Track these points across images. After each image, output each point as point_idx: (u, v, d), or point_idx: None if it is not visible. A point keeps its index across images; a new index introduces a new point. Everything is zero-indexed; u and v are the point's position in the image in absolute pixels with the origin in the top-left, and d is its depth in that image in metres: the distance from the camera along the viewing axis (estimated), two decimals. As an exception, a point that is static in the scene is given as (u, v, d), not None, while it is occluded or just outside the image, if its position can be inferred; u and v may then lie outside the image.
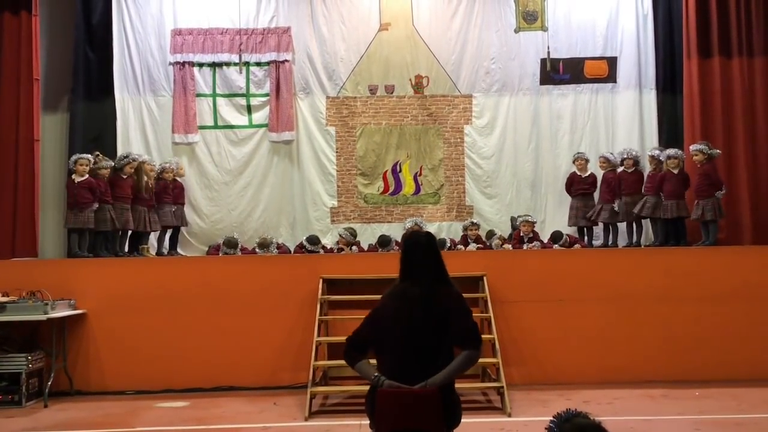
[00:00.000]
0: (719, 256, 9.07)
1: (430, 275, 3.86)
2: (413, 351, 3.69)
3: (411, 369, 3.66)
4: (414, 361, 3.67)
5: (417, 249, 3.95)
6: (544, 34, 11.66)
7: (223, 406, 7.80)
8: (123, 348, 8.50)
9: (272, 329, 8.56)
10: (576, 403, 7.55)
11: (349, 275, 8.51)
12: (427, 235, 4.12)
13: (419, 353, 3.69)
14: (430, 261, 3.90)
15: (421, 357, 3.68)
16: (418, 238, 4.06)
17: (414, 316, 3.72)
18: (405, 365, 3.67)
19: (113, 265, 9.10)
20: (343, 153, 11.71)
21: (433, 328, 3.71)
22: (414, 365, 3.67)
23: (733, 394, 7.83)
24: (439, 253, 3.96)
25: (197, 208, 11.42)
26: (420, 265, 3.88)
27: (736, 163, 10.70)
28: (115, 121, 11.35)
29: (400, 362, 3.68)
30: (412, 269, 3.88)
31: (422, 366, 3.67)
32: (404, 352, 3.69)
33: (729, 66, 10.87)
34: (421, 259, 3.89)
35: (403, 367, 3.66)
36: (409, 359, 3.68)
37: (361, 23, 11.78)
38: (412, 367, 3.66)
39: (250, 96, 11.65)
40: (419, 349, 3.69)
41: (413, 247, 3.97)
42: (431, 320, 3.72)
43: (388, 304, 3.84)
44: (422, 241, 4.00)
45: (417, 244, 3.99)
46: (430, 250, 3.94)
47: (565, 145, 11.63)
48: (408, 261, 3.92)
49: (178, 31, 11.61)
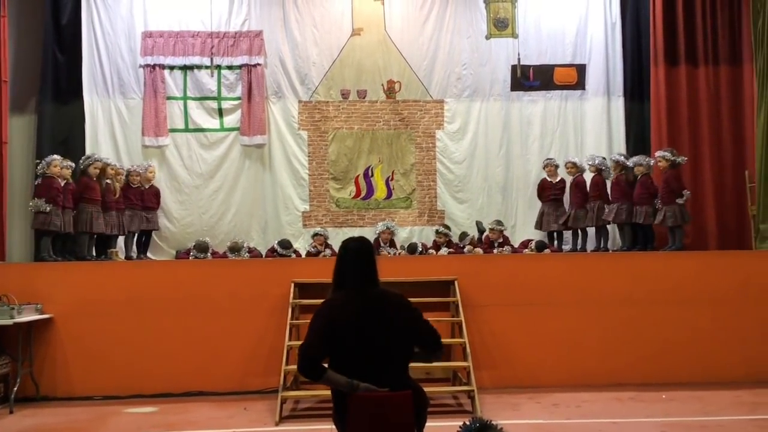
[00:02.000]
0: (685, 261, 9.19)
1: (364, 281, 3.84)
2: (376, 357, 3.69)
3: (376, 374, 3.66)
4: (378, 367, 3.68)
5: (348, 256, 3.93)
6: (514, 41, 11.76)
7: (193, 411, 7.71)
8: (91, 353, 8.37)
9: (243, 333, 8.49)
10: (545, 406, 7.63)
11: (320, 279, 8.46)
12: (359, 240, 4.07)
13: (382, 358, 3.70)
14: (366, 267, 3.88)
15: (384, 362, 3.69)
16: (348, 244, 4.02)
17: (374, 322, 3.71)
18: (369, 372, 3.66)
19: (81, 270, 8.97)
20: (315, 157, 11.68)
21: (394, 333, 3.73)
22: (378, 371, 3.67)
23: (698, 397, 7.94)
24: (372, 257, 3.93)
25: (167, 211, 11.31)
26: (353, 271, 3.86)
27: (702, 169, 10.88)
28: (83, 123, 11.21)
29: (365, 369, 3.67)
30: (346, 277, 3.87)
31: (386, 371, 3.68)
32: (366, 360, 3.68)
33: (695, 74, 11.06)
34: (353, 267, 3.88)
35: (368, 374, 3.65)
36: (372, 365, 3.67)
37: (333, 28, 11.78)
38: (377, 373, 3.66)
39: (221, 99, 11.58)
40: (382, 355, 3.70)
41: (344, 254, 3.95)
42: (391, 325, 3.74)
43: (337, 315, 3.74)
44: (353, 247, 3.97)
45: (348, 250, 3.96)
46: (361, 256, 3.91)
47: (535, 151, 11.73)
48: (342, 270, 3.91)
49: (149, 34, 11.50)
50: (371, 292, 3.82)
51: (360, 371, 3.67)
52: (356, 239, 4.11)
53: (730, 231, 10.84)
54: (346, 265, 3.90)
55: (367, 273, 3.86)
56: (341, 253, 3.98)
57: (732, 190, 10.90)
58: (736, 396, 7.98)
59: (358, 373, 3.67)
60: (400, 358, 3.75)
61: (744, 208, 10.63)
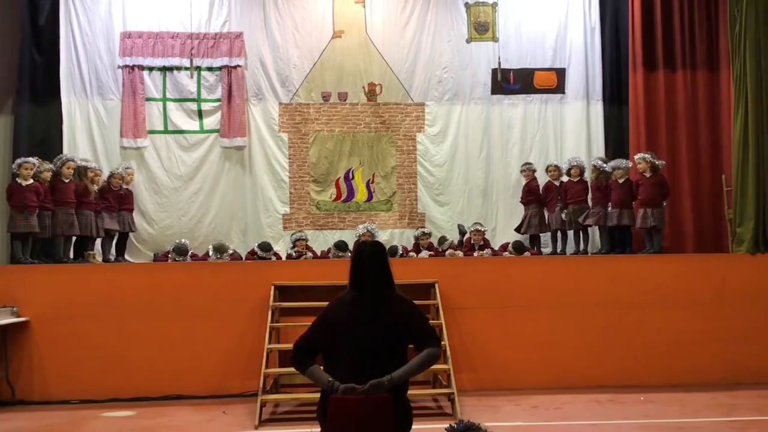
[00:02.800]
0: (663, 264, 9.28)
1: (378, 283, 3.90)
2: (367, 356, 3.70)
3: (364, 374, 3.65)
4: (367, 367, 3.68)
5: (364, 258, 3.98)
6: (495, 44, 11.81)
7: (171, 415, 7.66)
8: (67, 356, 8.30)
9: (222, 336, 8.46)
10: (525, 408, 7.67)
11: (300, 282, 8.46)
12: (375, 244, 4.17)
13: (373, 358, 3.70)
14: (377, 269, 3.94)
15: (374, 362, 3.69)
16: (365, 247, 4.11)
17: (368, 322, 3.75)
18: (359, 371, 3.66)
19: (58, 272, 8.88)
20: (295, 160, 11.65)
21: (386, 333, 3.75)
22: (367, 370, 3.66)
23: (676, 399, 8.02)
24: (387, 261, 4.01)
25: (146, 213, 11.22)
26: (368, 273, 3.91)
27: (679, 173, 10.99)
28: (61, 124, 11.07)
29: (354, 368, 3.68)
30: (361, 278, 3.91)
31: (376, 371, 3.67)
32: (358, 358, 3.69)
33: (673, 78, 11.17)
34: (368, 268, 3.93)
35: (357, 373, 3.65)
36: (362, 365, 3.68)
37: (314, 30, 11.75)
38: (366, 373, 3.66)
39: (201, 101, 11.51)
40: (373, 355, 3.70)
41: (361, 256, 4.01)
42: (385, 325, 3.76)
43: (339, 310, 3.85)
44: (369, 250, 4.04)
45: (364, 253, 4.02)
46: (377, 259, 3.98)
47: (515, 154, 11.77)
48: (357, 270, 3.96)
49: (128, 34, 11.40)
50: (375, 293, 3.85)
51: (348, 369, 3.68)
52: (371, 243, 4.21)
53: (708, 234, 10.96)
54: (358, 267, 3.96)
55: (377, 276, 3.91)
56: (354, 256, 4.07)
57: (709, 194, 11.01)
58: (713, 398, 8.08)
59: (346, 370, 3.68)
60: (391, 361, 3.73)
61: (721, 212, 10.74)
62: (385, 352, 3.74)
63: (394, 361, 3.74)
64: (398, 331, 3.77)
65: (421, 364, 3.80)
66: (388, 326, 3.77)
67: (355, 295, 3.87)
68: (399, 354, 3.79)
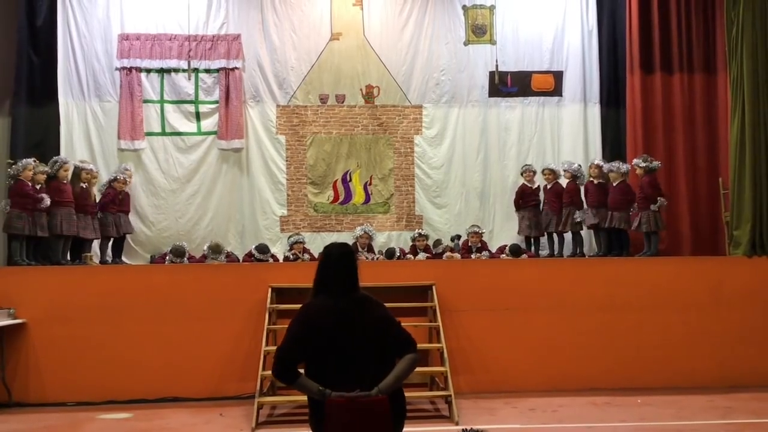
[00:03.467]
0: (660, 267, 9.30)
1: (349, 286, 3.82)
2: (353, 364, 3.66)
3: (355, 378, 3.63)
4: (358, 370, 3.65)
5: (333, 260, 3.89)
6: (492, 47, 11.82)
7: (168, 417, 7.66)
8: (64, 358, 8.29)
9: (219, 339, 8.46)
10: (522, 410, 7.67)
11: (297, 284, 8.45)
12: (343, 246, 4.07)
13: (359, 365, 3.67)
14: (348, 272, 3.85)
15: (361, 369, 3.66)
16: (334, 249, 3.99)
17: (352, 328, 3.69)
18: (346, 379, 3.63)
19: (55, 274, 8.88)
20: (293, 162, 11.65)
21: (371, 339, 3.70)
22: (358, 375, 3.64)
23: (673, 402, 8.03)
24: (356, 263, 3.91)
25: (143, 215, 11.21)
26: (338, 276, 3.83)
27: (676, 176, 11.01)
28: (58, 126, 11.06)
29: (341, 376, 3.64)
30: (331, 281, 3.82)
31: (366, 374, 3.65)
32: (344, 366, 3.66)
33: (670, 81, 11.20)
34: (339, 270, 3.84)
35: (344, 381, 3.62)
36: (349, 372, 3.65)
37: (312, 32, 11.75)
38: (357, 377, 3.63)
39: (198, 103, 11.50)
40: (359, 362, 3.67)
41: (330, 258, 3.91)
42: (369, 332, 3.71)
43: (320, 316, 3.73)
44: (338, 253, 3.94)
45: (333, 255, 3.92)
46: (347, 261, 3.89)
47: (512, 157, 11.78)
48: (326, 272, 3.86)
49: (126, 36, 11.40)
50: (349, 297, 3.80)
51: (335, 376, 3.65)
52: (338, 245, 4.09)
53: (704, 237, 10.98)
54: (327, 270, 3.87)
55: (347, 279, 3.84)
56: (323, 258, 3.95)
57: (706, 197, 11.04)
58: (709, 400, 8.09)
59: (333, 378, 3.65)
60: (377, 365, 3.71)
61: (718, 215, 10.77)
62: (372, 358, 3.69)
63: (381, 367, 3.70)
64: (382, 337, 3.73)
65: (405, 371, 3.73)
66: (372, 332, 3.71)
67: (327, 300, 3.77)
68: (385, 359, 3.73)
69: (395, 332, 3.80)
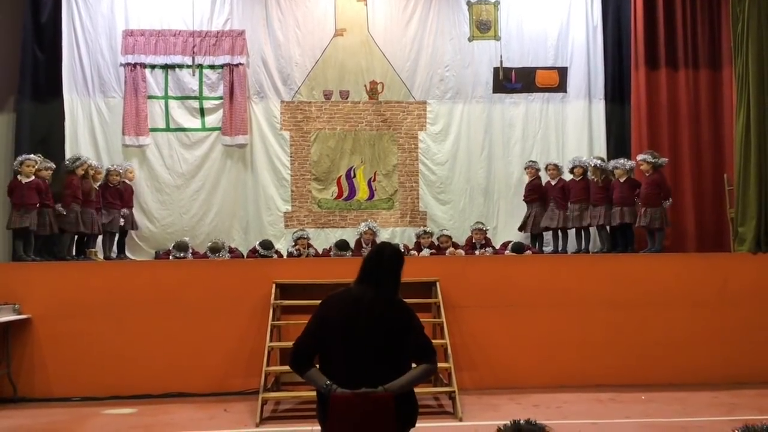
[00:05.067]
0: (665, 263, 9.27)
1: (387, 284, 3.83)
2: (365, 358, 3.64)
3: (362, 376, 3.62)
4: (366, 369, 3.63)
5: (385, 257, 3.92)
6: (497, 43, 11.80)
7: (172, 412, 7.67)
8: (69, 353, 8.31)
9: (224, 334, 8.46)
10: (526, 407, 7.67)
11: (302, 280, 8.47)
12: (396, 248, 4.11)
13: (371, 360, 3.65)
14: (392, 271, 3.88)
15: (373, 364, 3.64)
16: (385, 247, 4.05)
17: (366, 325, 3.67)
18: (356, 372, 3.62)
19: (60, 270, 8.89)
20: (297, 158, 11.65)
21: (384, 339, 3.67)
22: (365, 373, 3.62)
23: (678, 398, 8.02)
24: (401, 267, 3.94)
25: (148, 211, 11.23)
26: (383, 272, 3.85)
27: (681, 172, 10.99)
28: (63, 122, 11.08)
29: (352, 369, 3.63)
30: (375, 274, 3.84)
31: (374, 373, 3.63)
32: (356, 359, 3.64)
33: (675, 77, 11.17)
34: (386, 267, 3.87)
35: (355, 374, 3.61)
36: (357, 369, 3.63)
37: (316, 28, 11.75)
38: (364, 374, 3.62)
39: (203, 99, 11.51)
40: (372, 357, 3.65)
41: (383, 254, 3.94)
42: (384, 331, 3.68)
43: (337, 309, 3.75)
44: (391, 250, 3.98)
45: (386, 251, 3.96)
46: (396, 261, 3.92)
47: (516, 153, 11.76)
48: (373, 266, 3.88)
49: (130, 32, 11.41)
50: (379, 296, 3.77)
51: (343, 372, 3.64)
52: (392, 245, 4.16)
53: (709, 233, 10.96)
54: (371, 263, 3.89)
55: (386, 277, 3.84)
56: (373, 253, 3.98)
57: (711, 193, 11.01)
58: (715, 397, 8.08)
59: (342, 373, 3.64)
60: (388, 368, 3.67)
61: (723, 211, 10.75)
62: (381, 358, 3.66)
63: (391, 369, 3.67)
64: (396, 339, 3.69)
65: (417, 378, 3.71)
66: (387, 332, 3.69)
67: (357, 293, 3.78)
68: (397, 362, 3.70)
69: (416, 339, 3.76)
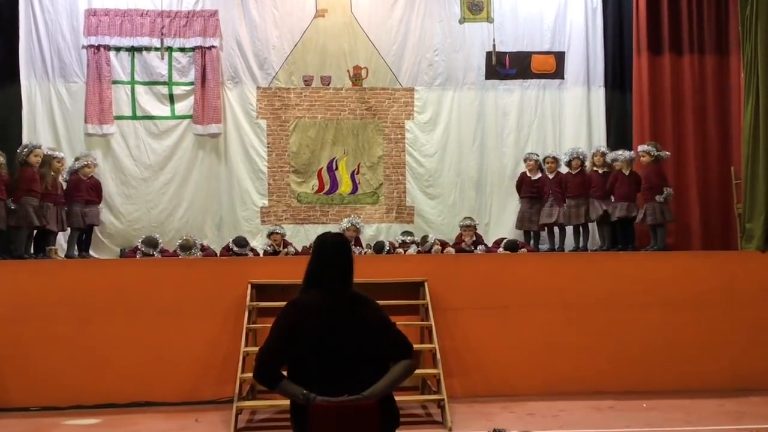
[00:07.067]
0: (668, 262, 9.32)
1: (343, 280, 3.77)
2: (345, 362, 3.63)
3: (342, 382, 3.60)
4: (346, 373, 3.61)
5: (328, 251, 3.83)
6: (489, 25, 11.80)
7: (140, 423, 7.65)
8: (27, 360, 8.25)
9: (195, 339, 8.43)
10: (520, 415, 7.69)
11: (280, 280, 8.43)
12: (338, 236, 4.05)
13: (352, 364, 3.63)
14: (342, 265, 3.80)
15: (353, 368, 3.63)
16: (328, 238, 3.93)
17: (343, 329, 3.64)
18: (335, 379, 3.61)
19: (17, 269, 8.80)
20: (274, 148, 11.61)
21: (364, 341, 3.66)
22: (345, 378, 3.61)
23: (681, 406, 8.06)
24: (351, 255, 3.87)
25: (112, 206, 11.16)
26: (332, 269, 3.77)
27: (686, 164, 11.05)
28: (20, 109, 11.01)
29: (331, 376, 3.61)
30: (325, 274, 3.76)
31: (354, 377, 3.61)
32: (335, 365, 3.62)
33: (680, 63, 11.22)
34: (333, 263, 3.79)
35: (331, 385, 3.59)
36: (337, 376, 3.61)
37: (295, 8, 11.70)
38: (344, 380, 3.61)
39: (172, 84, 11.45)
40: (352, 360, 3.64)
41: (325, 248, 3.84)
42: (362, 333, 3.67)
43: (307, 315, 3.68)
44: (332, 243, 3.87)
45: (327, 244, 3.86)
46: (343, 253, 3.83)
47: (510, 143, 11.79)
48: (320, 265, 3.80)
49: (93, 12, 11.31)
50: (342, 295, 3.74)
51: (321, 380, 3.61)
52: (333, 235, 4.04)
53: (715, 230, 11.02)
54: (320, 262, 3.80)
55: (341, 273, 3.78)
56: (316, 249, 3.88)
57: (717, 187, 11.07)
58: (720, 405, 8.13)
59: (319, 381, 3.61)
60: (368, 370, 3.66)
61: (730, 206, 10.80)
62: (363, 362, 3.64)
63: (373, 371, 3.65)
64: (375, 338, 3.68)
65: (399, 377, 3.69)
66: (364, 334, 3.67)
67: (318, 296, 3.71)
68: (378, 363, 3.69)
69: (390, 336, 3.75)
